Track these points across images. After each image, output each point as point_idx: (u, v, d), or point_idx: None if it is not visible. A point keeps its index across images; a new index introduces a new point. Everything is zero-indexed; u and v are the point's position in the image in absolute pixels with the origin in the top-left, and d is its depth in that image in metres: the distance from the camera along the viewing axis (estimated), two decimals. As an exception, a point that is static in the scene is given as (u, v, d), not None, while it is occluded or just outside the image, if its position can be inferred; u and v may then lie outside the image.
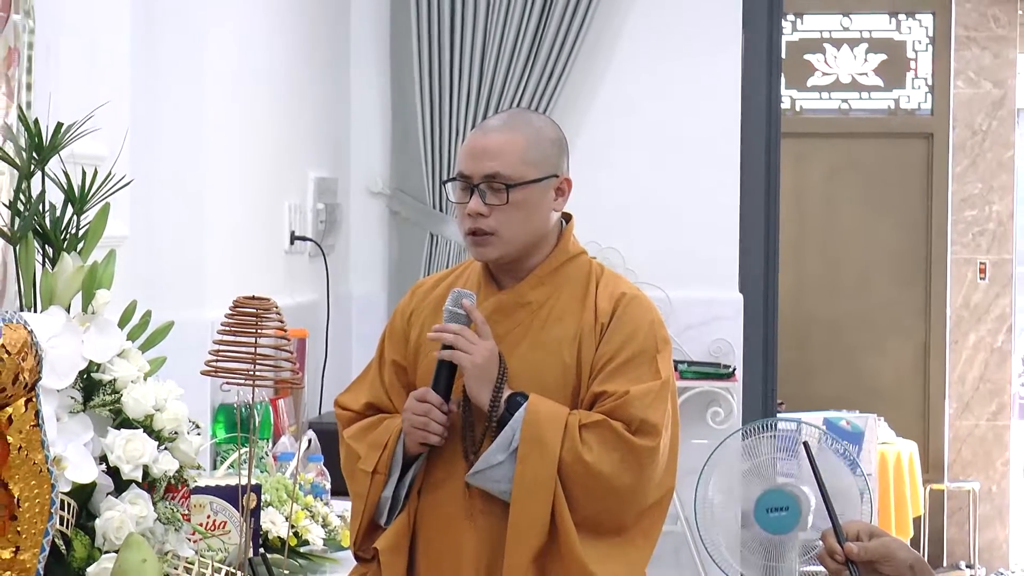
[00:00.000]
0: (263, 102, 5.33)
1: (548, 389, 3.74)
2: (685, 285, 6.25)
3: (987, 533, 11.23)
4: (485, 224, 3.73)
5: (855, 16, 11.25)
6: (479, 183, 3.73)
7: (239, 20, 5.04)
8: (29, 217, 3.15)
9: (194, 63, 4.67)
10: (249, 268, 5.08)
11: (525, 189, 3.73)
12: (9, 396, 2.60)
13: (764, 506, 5.87)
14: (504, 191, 3.71)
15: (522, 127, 3.80)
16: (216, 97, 4.81)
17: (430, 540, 3.80)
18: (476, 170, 3.74)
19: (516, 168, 3.72)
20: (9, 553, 2.62)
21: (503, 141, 3.74)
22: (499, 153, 3.73)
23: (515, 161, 3.73)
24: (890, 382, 11.05)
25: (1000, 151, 11.25)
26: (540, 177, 3.75)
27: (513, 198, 3.72)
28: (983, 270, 11.26)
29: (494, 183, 3.72)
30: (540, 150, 3.77)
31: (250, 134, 5.16)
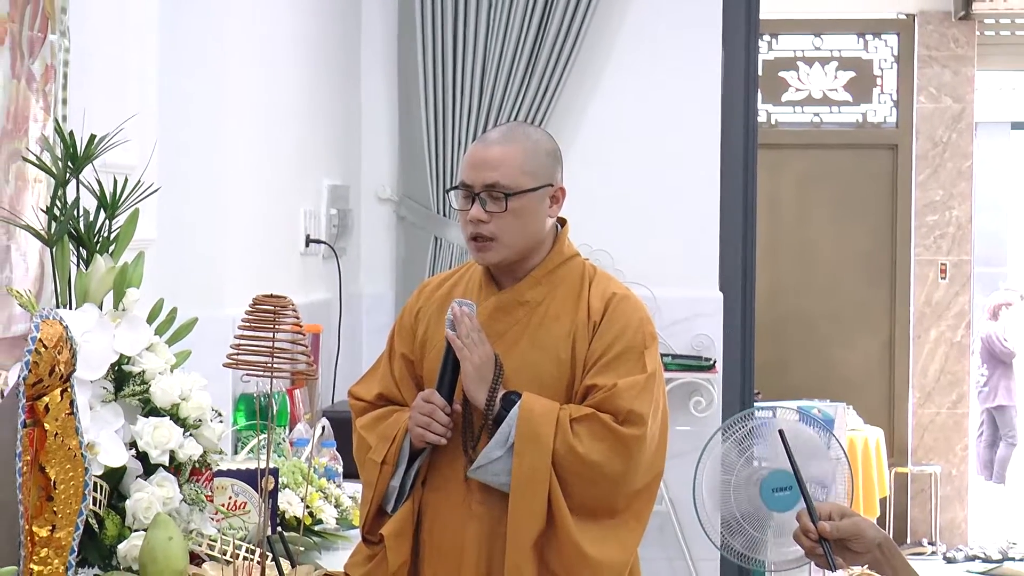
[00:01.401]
0: (281, 116, 5.32)
1: (545, 382, 3.74)
2: (670, 284, 6.24)
3: (947, 513, 11.23)
4: (486, 230, 3.73)
5: (826, 36, 11.25)
6: (480, 192, 3.73)
7: (259, 41, 5.03)
8: (65, 221, 3.15)
9: (217, 80, 4.67)
10: (267, 269, 5.07)
11: (522, 197, 3.73)
12: (46, 387, 2.59)
13: (769, 486, 5.87)
14: (503, 199, 3.71)
15: (520, 140, 3.80)
16: (237, 111, 4.81)
17: (434, 529, 3.80)
18: (477, 180, 3.74)
19: (514, 178, 3.72)
20: (46, 531, 2.62)
21: (502, 153, 3.74)
22: (499, 164, 3.73)
23: (513, 172, 3.73)
24: (858, 373, 11.05)
25: (959, 161, 11.25)
26: (536, 186, 3.75)
27: (511, 206, 3.72)
28: (944, 270, 11.26)
29: (494, 192, 3.72)
30: (536, 161, 3.77)
31: (268, 145, 5.16)
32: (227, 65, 4.72)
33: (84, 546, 2.81)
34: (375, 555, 3.83)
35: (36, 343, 2.55)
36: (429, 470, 3.82)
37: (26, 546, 2.59)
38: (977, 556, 10.95)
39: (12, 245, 3.36)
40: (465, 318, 3.70)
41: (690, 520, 6.27)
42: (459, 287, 3.91)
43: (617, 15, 6.43)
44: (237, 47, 4.79)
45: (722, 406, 6.49)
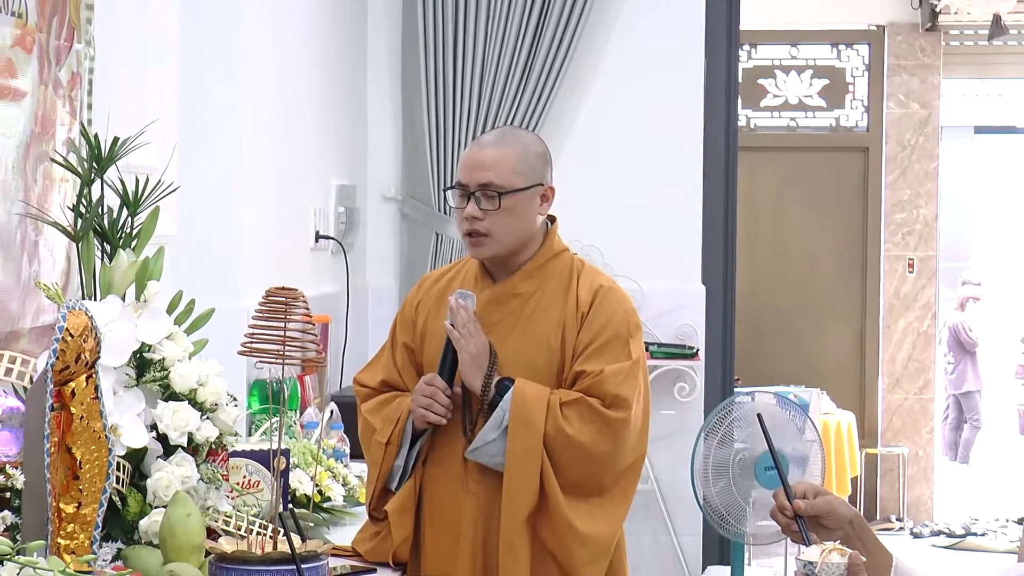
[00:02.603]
0: (292, 121, 5.32)
1: (537, 369, 3.75)
2: (656, 278, 6.24)
3: (914, 491, 11.24)
4: (480, 226, 3.75)
5: (802, 46, 11.25)
6: (475, 191, 3.74)
7: (271, 50, 5.03)
8: (90, 218, 3.14)
9: (232, 87, 4.66)
10: (279, 263, 5.07)
11: (515, 196, 3.74)
12: (72, 373, 2.59)
13: (762, 465, 5.86)
14: (497, 198, 3.73)
15: (512, 143, 3.81)
16: (251, 116, 4.81)
17: (434, 506, 3.81)
18: (472, 180, 3.75)
19: (507, 178, 3.73)
20: (72, 508, 2.61)
21: (496, 155, 3.75)
22: (493, 165, 3.74)
23: (506, 172, 3.74)
24: (831, 361, 11.06)
25: (926, 163, 11.26)
26: (528, 186, 3.76)
27: (504, 204, 3.73)
28: (911, 265, 11.27)
29: (488, 191, 3.73)
30: (528, 163, 3.78)
31: (281, 148, 5.16)
32: (241, 73, 4.72)
33: (108, 522, 2.81)
34: (380, 531, 3.83)
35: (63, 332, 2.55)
36: (429, 451, 3.83)
37: (54, 522, 2.59)
38: (942, 531, 10.96)
39: (40, 241, 3.37)
40: (461, 310, 3.72)
41: (674, 498, 6.28)
42: (456, 281, 3.92)
43: (607, 26, 6.43)
44: (251, 57, 4.79)
45: (704, 392, 6.49)
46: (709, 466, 5.95)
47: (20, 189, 3.25)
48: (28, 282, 3.28)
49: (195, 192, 4.32)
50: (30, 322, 3.29)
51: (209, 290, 3.57)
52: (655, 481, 6.37)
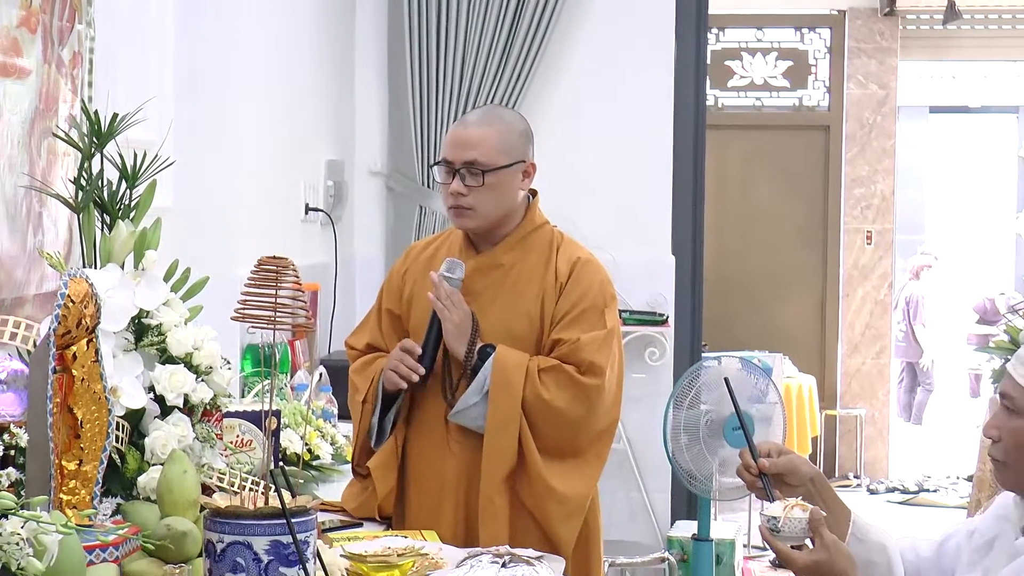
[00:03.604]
0: (284, 98, 5.31)
1: (517, 336, 3.76)
2: (628, 248, 6.25)
3: (871, 451, 11.28)
4: (464, 201, 3.75)
5: (767, 30, 11.24)
6: (460, 168, 3.74)
7: (265, 31, 5.02)
8: (90, 191, 3.13)
9: (227, 66, 4.65)
10: (271, 233, 5.06)
11: (498, 173, 3.73)
12: (74, 337, 2.58)
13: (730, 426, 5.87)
14: (481, 175, 3.72)
15: (496, 122, 3.80)
16: (244, 94, 4.80)
17: (418, 466, 3.82)
18: (457, 157, 3.74)
19: (490, 156, 3.73)
20: (74, 465, 2.61)
21: (480, 134, 3.74)
22: (477, 144, 3.73)
23: (490, 151, 3.73)
24: (794, 328, 11.08)
25: (883, 140, 11.27)
26: (510, 163, 3.75)
27: (488, 181, 3.72)
28: (869, 237, 11.28)
29: (472, 168, 3.72)
30: (510, 141, 3.77)
31: (273, 124, 5.15)
32: (236, 53, 4.71)
33: (108, 478, 2.80)
34: (367, 487, 3.83)
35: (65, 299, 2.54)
36: (414, 415, 3.84)
37: (56, 478, 2.58)
38: (896, 488, 11.00)
39: (44, 212, 3.35)
40: (443, 283, 3.72)
41: (645, 457, 6.30)
42: (442, 250, 3.92)
43: (582, 12, 6.42)
44: (245, 39, 4.78)
45: (674, 356, 6.51)
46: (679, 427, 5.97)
47: (25, 163, 3.23)
48: (32, 251, 3.27)
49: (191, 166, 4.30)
50: (34, 289, 3.27)
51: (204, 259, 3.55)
52: (627, 441, 6.39)
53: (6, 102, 3.12)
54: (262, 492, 2.63)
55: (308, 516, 2.53)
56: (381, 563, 2.61)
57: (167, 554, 2.70)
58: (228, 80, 4.67)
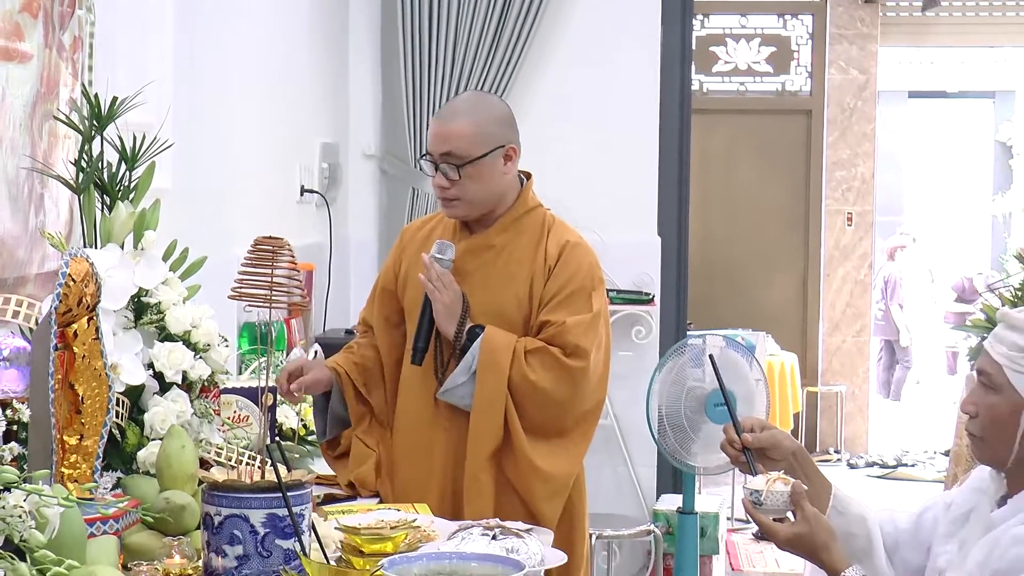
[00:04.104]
0: (280, 82, 5.30)
1: (507, 317, 3.75)
2: (615, 230, 6.24)
3: (851, 426, 11.30)
4: (448, 193, 3.75)
5: (750, 16, 11.23)
6: (439, 161, 3.73)
7: (262, 18, 5.00)
8: (91, 173, 3.12)
9: (225, 50, 4.64)
10: (267, 214, 5.05)
11: (475, 164, 3.72)
12: (75, 315, 2.58)
13: (712, 402, 5.87)
14: (457, 168, 3.70)
15: (471, 112, 3.77)
16: (242, 78, 4.78)
17: (408, 442, 3.82)
18: (436, 150, 3.74)
19: (466, 148, 3.71)
20: (75, 440, 2.61)
21: (455, 127, 3.73)
22: (452, 138, 3.72)
23: (464, 143, 3.71)
24: (776, 307, 11.09)
25: (864, 125, 11.27)
26: (486, 152, 3.73)
27: (465, 172, 3.71)
28: (850, 219, 11.29)
29: (450, 161, 3.71)
30: (486, 129, 3.74)
31: (269, 108, 5.14)
32: (233, 39, 4.69)
33: (108, 453, 2.81)
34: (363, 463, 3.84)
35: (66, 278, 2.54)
36: (404, 393, 3.84)
37: (58, 452, 2.58)
38: (875, 463, 11.03)
39: (45, 193, 3.34)
40: (434, 264, 3.71)
41: (631, 433, 6.30)
42: (437, 230, 3.92)
43: None
44: (242, 24, 4.76)
45: (659, 335, 6.51)
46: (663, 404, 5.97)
47: (27, 145, 3.22)
48: (34, 232, 3.26)
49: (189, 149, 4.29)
50: (36, 268, 3.27)
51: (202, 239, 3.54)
52: (614, 417, 6.40)
53: (8, 86, 3.11)
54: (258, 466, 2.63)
55: (303, 490, 2.53)
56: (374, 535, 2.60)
57: (166, 526, 2.70)
58: (226, 65, 4.66)
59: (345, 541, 2.61)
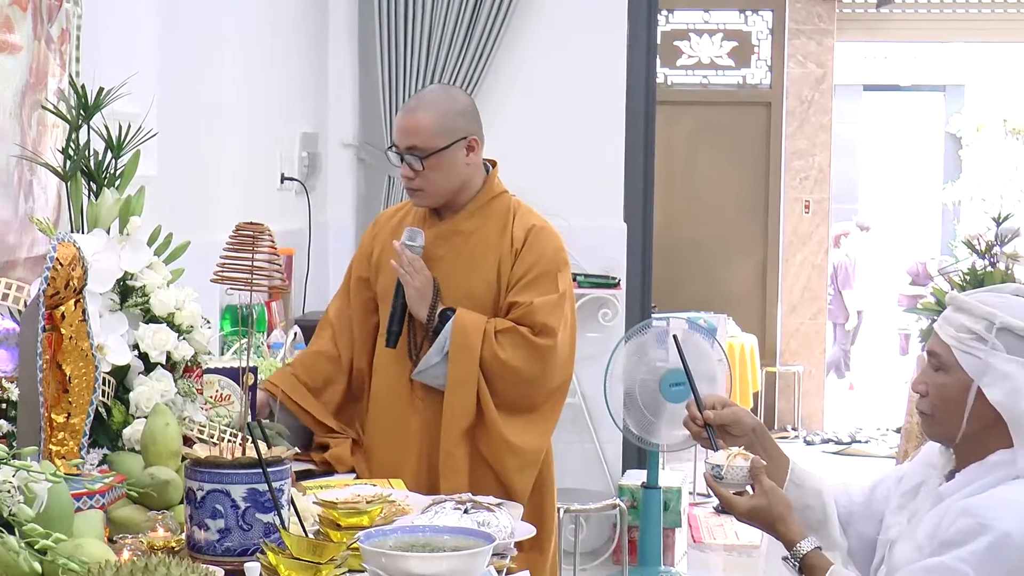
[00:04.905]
0: (261, 74, 5.28)
1: (476, 299, 3.75)
2: (583, 216, 6.24)
3: (807, 405, 11.33)
4: (413, 184, 3.75)
5: (713, 12, 11.23)
6: (404, 153, 3.72)
7: (245, 10, 4.98)
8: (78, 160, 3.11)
9: (209, 41, 4.62)
10: (248, 201, 5.04)
11: (438, 155, 3.72)
12: (62, 298, 2.56)
13: (668, 383, 5.89)
14: (420, 159, 3.70)
15: (433, 106, 3.76)
16: (225, 69, 4.77)
17: (384, 421, 3.82)
18: (401, 143, 3.74)
19: (428, 141, 3.71)
20: (63, 418, 2.59)
21: (418, 120, 3.72)
22: (415, 130, 3.72)
23: (427, 136, 3.71)
24: (737, 290, 11.11)
25: (821, 116, 11.29)
26: (449, 143, 3.72)
27: (428, 164, 3.71)
28: (807, 206, 11.31)
29: (414, 152, 3.71)
30: (448, 122, 3.73)
31: (251, 98, 5.12)
32: (217, 31, 4.68)
33: (95, 430, 2.79)
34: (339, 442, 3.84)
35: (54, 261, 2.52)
36: (380, 374, 3.83)
37: (46, 430, 2.57)
38: (831, 440, 11.07)
39: (34, 180, 3.32)
40: (405, 250, 3.71)
41: (598, 410, 6.31)
42: (407, 218, 3.91)
43: (540, -6, 6.42)
44: (225, 16, 4.75)
45: (625, 317, 6.52)
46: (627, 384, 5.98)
47: (17, 134, 3.20)
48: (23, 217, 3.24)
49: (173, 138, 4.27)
50: (25, 252, 3.25)
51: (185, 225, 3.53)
52: (581, 396, 6.40)
53: (-1, 76, 3.10)
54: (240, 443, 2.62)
55: (283, 465, 2.53)
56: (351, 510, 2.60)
57: (150, 501, 2.69)
58: (209, 57, 4.64)
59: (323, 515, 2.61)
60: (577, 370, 3.98)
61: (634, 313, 6.60)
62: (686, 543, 7.10)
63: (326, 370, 3.89)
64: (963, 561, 2.52)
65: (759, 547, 7.32)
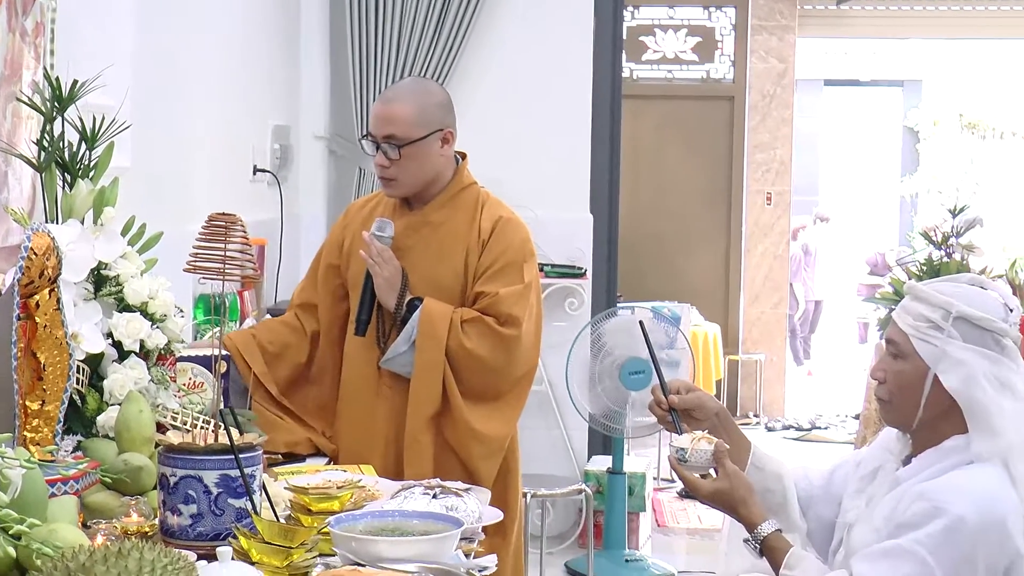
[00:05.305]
0: (234, 67, 5.26)
1: (444, 288, 3.75)
2: (550, 207, 6.25)
3: (768, 392, 11.37)
4: (388, 173, 3.74)
5: (677, 8, 11.24)
6: (381, 142, 3.71)
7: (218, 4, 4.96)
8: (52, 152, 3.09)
9: (182, 36, 4.59)
10: (221, 192, 5.02)
11: (415, 145, 3.71)
12: (37, 287, 2.55)
13: (627, 370, 5.89)
14: (398, 148, 3.69)
15: (413, 96, 3.76)
16: (198, 62, 4.74)
17: (352, 408, 3.81)
18: (378, 132, 3.73)
19: (407, 131, 3.70)
20: (37, 405, 2.58)
21: (397, 109, 3.72)
22: (394, 120, 3.71)
23: (405, 125, 3.70)
24: (700, 280, 11.13)
25: (782, 111, 11.31)
26: (426, 134, 3.72)
27: (405, 153, 3.70)
28: (769, 198, 11.34)
29: (391, 141, 3.70)
30: (426, 114, 3.73)
31: (224, 91, 5.10)
32: (190, 25, 4.65)
33: (69, 417, 2.78)
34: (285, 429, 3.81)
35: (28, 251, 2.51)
36: (350, 360, 3.83)
37: (21, 417, 2.56)
38: (791, 426, 11.11)
39: (9, 171, 3.30)
40: (374, 241, 3.71)
41: (564, 398, 6.31)
42: (378, 209, 3.91)
43: (509, -11, 6.42)
44: (199, 11, 4.72)
45: (591, 306, 6.53)
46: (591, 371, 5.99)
47: (-9, 125, 3.18)
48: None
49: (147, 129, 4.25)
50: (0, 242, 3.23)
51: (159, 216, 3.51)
52: (548, 383, 6.41)
53: (-27, 69, 3.07)
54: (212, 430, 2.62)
55: (254, 452, 2.52)
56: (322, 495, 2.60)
57: (124, 487, 2.68)
58: (182, 50, 4.62)
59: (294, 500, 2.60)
60: (544, 358, 3.99)
61: (600, 302, 6.61)
62: (650, 527, 7.12)
63: (286, 337, 3.87)
64: (918, 543, 2.53)
65: (721, 530, 7.35)
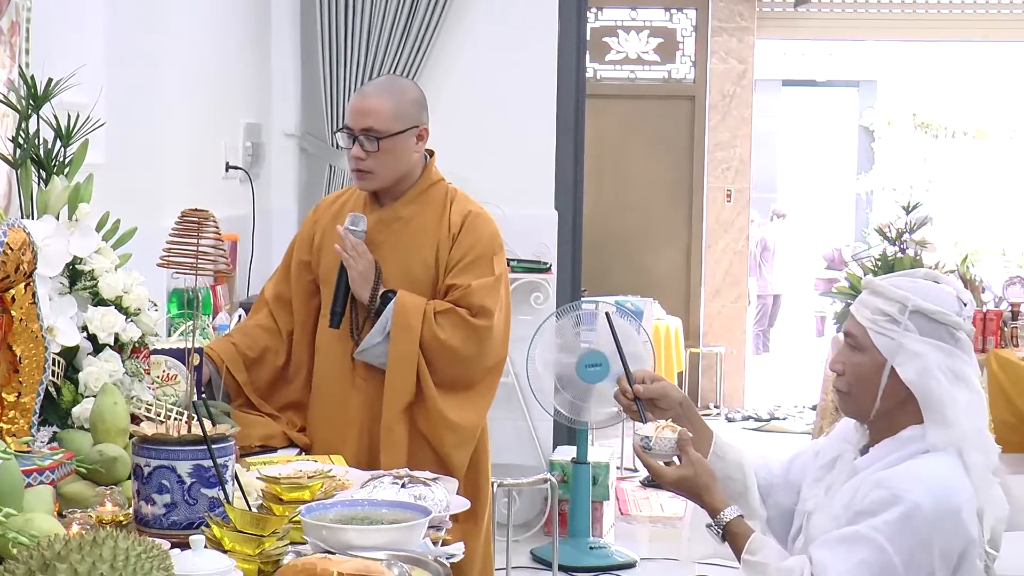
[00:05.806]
0: (207, 67, 5.23)
1: (416, 282, 3.75)
2: (516, 204, 6.24)
3: (729, 384, 11.40)
4: (363, 165, 3.73)
5: (639, 9, 11.25)
6: (359, 135, 3.70)
7: (190, 4, 4.93)
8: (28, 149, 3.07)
9: (155, 35, 4.57)
10: (194, 189, 5.00)
11: (393, 139, 3.71)
12: (13, 281, 2.53)
13: (584, 363, 5.90)
14: (376, 140, 3.69)
15: (391, 92, 3.76)
16: (170, 61, 4.72)
17: (326, 399, 3.80)
18: (356, 124, 3.72)
19: (385, 124, 3.70)
20: (13, 397, 2.57)
21: (376, 103, 3.71)
22: (373, 112, 3.70)
23: (384, 119, 3.70)
24: (662, 275, 11.15)
25: (742, 110, 11.33)
26: (404, 129, 3.73)
27: (383, 146, 3.70)
28: (729, 195, 11.36)
29: (369, 135, 3.70)
30: (404, 109, 3.73)
31: (197, 89, 5.08)
32: (163, 24, 4.63)
33: (45, 409, 2.76)
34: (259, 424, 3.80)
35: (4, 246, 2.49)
36: (324, 352, 3.82)
37: (-3, 409, 2.54)
38: (751, 416, 11.14)
39: (-15, 167, 3.28)
40: (349, 235, 3.70)
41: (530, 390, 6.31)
42: (348, 204, 3.90)
43: (475, -10, 6.41)
44: (171, 10, 4.70)
45: (556, 300, 6.53)
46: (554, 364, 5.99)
47: (-34, 123, 3.16)
48: (-26, 203, 3.20)
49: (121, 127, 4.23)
50: (-24, 238, 3.20)
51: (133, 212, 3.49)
52: (515, 375, 6.41)
53: (-51, 67, 3.05)
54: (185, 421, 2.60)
55: (227, 442, 2.51)
56: (293, 484, 2.59)
57: (99, 477, 2.67)
58: (156, 49, 4.60)
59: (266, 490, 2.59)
60: (510, 351, 3.98)
61: (565, 297, 6.61)
62: (614, 515, 7.13)
63: (265, 341, 3.86)
64: (876, 530, 2.55)
65: (683, 518, 7.37)
